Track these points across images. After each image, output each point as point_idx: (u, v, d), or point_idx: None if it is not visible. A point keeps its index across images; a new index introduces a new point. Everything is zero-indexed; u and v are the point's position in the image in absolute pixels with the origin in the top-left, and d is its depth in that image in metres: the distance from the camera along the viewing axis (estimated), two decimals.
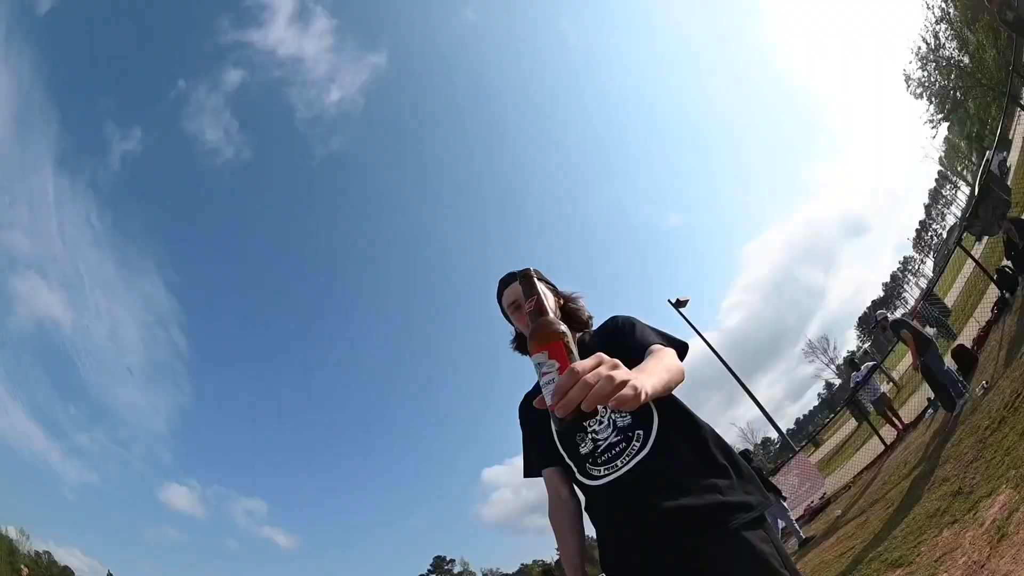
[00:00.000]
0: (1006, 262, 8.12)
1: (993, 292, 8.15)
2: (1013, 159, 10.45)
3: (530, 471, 1.54)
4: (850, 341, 65.83)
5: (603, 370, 0.76)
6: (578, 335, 1.58)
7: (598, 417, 1.33)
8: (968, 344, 7.72)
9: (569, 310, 1.59)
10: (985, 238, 10.17)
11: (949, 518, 3.62)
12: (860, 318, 67.08)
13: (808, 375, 63.91)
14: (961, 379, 6.65)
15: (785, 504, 8.65)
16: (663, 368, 1.08)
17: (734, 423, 54.73)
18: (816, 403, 64.95)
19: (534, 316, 0.88)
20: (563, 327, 0.86)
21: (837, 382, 56.04)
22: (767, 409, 16.50)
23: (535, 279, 0.95)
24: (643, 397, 0.81)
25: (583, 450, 1.36)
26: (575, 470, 1.39)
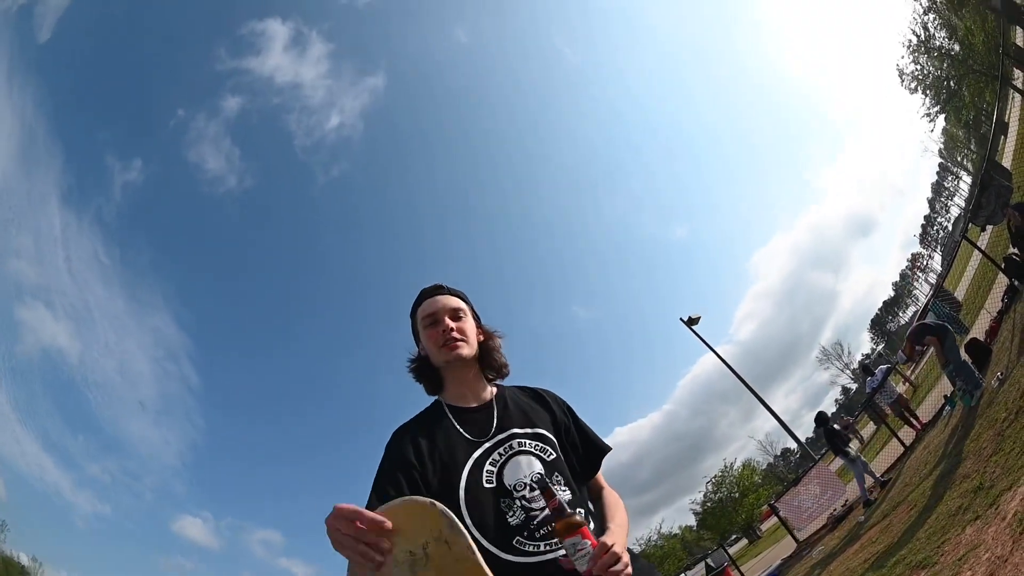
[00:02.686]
0: (1013, 250, 7.96)
1: (1002, 281, 7.98)
2: (1010, 142, 10.35)
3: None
4: (864, 344, 64.96)
5: (621, 551, 1.06)
6: (491, 377, 1.50)
7: (526, 480, 1.28)
8: (981, 337, 7.53)
9: (486, 347, 1.50)
10: (989, 227, 10.01)
11: (971, 515, 3.45)
12: (872, 320, 66.31)
13: (824, 382, 62.98)
14: (978, 372, 6.45)
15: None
16: (625, 527, 1.31)
17: (752, 436, 53.74)
18: (834, 409, 63.81)
19: (560, 512, 1.09)
20: (581, 514, 1.19)
21: (853, 387, 55.09)
22: (785, 420, 16.22)
23: (550, 484, 1.16)
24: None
25: (512, 521, 1.20)
26: (489, 543, 1.16)
